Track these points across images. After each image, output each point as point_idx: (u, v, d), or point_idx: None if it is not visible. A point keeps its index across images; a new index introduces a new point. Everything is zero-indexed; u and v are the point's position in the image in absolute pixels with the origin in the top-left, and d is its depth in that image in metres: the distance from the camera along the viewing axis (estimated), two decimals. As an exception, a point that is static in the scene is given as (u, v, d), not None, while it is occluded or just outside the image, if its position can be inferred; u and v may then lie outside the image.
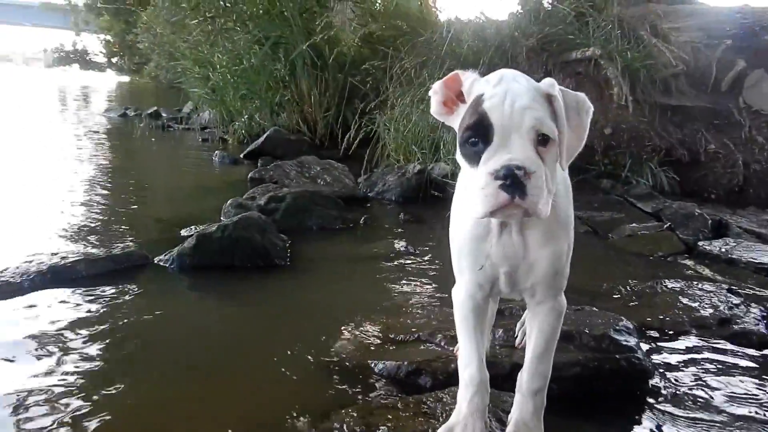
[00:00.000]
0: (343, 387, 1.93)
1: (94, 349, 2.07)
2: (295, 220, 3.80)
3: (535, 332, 1.54)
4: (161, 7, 13.10)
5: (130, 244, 3.13)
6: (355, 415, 1.67)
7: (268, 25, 7.80)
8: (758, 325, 2.47)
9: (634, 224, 4.08)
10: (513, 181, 1.17)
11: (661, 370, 2.12)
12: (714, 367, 2.21)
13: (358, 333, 2.30)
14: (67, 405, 1.72)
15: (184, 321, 2.45)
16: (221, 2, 8.22)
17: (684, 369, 2.18)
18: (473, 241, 1.44)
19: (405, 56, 5.57)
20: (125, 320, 2.32)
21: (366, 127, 5.75)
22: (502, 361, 1.98)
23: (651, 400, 1.95)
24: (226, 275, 2.90)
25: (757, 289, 3.02)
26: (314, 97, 7.61)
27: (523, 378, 1.56)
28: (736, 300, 2.67)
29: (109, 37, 34.65)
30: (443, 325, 2.27)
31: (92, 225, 3.70)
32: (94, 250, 2.98)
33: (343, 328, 2.35)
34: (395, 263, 3.24)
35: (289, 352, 2.17)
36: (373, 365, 2.03)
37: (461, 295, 1.53)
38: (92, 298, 2.52)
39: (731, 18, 6.79)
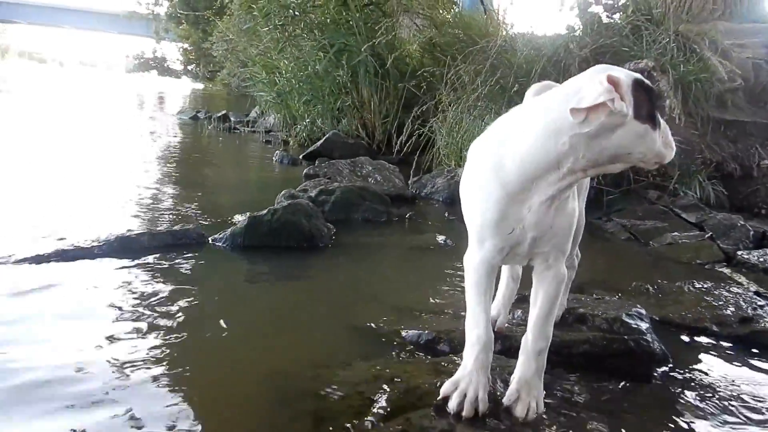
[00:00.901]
0: (368, 347, 2.12)
1: (149, 308, 2.33)
2: (343, 212, 4.03)
3: (540, 296, 1.69)
4: (236, 16, 13.80)
5: (190, 225, 3.42)
6: (374, 365, 1.87)
7: (334, 33, 8.14)
8: (779, 325, 2.51)
9: (675, 233, 4.10)
10: None
11: (672, 357, 2.21)
12: (726, 360, 2.29)
13: (389, 306, 2.49)
14: (132, 350, 1.99)
15: (230, 288, 2.71)
16: (291, 11, 8.60)
17: (695, 358, 2.26)
18: (510, 205, 1.54)
19: (460, 64, 5.74)
20: (177, 285, 2.58)
21: (419, 131, 5.95)
22: (518, 335, 2.13)
23: (658, 382, 2.05)
24: (273, 254, 3.15)
25: (790, 296, 3.04)
26: (374, 103, 7.86)
27: (528, 339, 1.71)
28: (761, 302, 2.71)
29: (186, 45, 36.39)
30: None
31: (158, 207, 4.08)
32: (157, 228, 3.30)
33: (375, 301, 2.55)
34: (432, 252, 3.42)
35: (323, 318, 2.40)
36: (399, 332, 2.22)
37: (476, 259, 1.66)
38: (151, 265, 2.81)
39: (799, 36, 6.65)
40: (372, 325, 2.32)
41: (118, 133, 8.60)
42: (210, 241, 3.20)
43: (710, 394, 1.99)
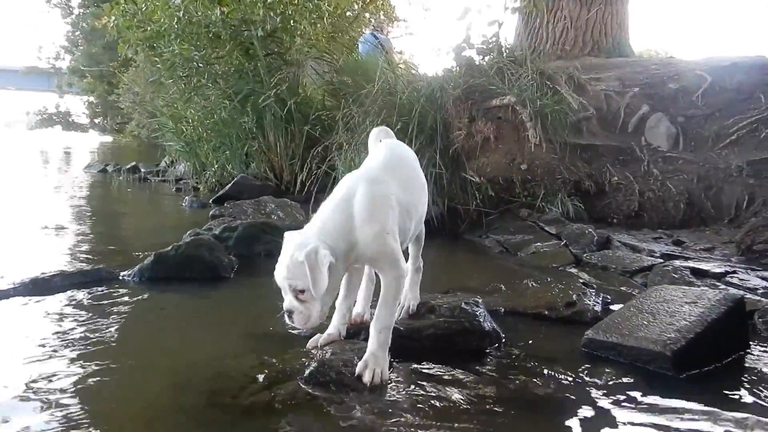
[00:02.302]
0: (260, 346, 2.55)
1: (63, 339, 2.64)
2: (245, 247, 4.42)
3: (382, 289, 2.25)
4: (141, 68, 13.99)
5: (102, 265, 3.73)
6: (260, 356, 2.31)
7: (238, 81, 8.58)
8: (596, 306, 3.13)
9: (539, 243, 4.76)
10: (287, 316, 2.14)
11: (508, 336, 2.75)
12: (549, 335, 2.88)
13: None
14: (36, 378, 2.33)
15: (139, 315, 3.06)
16: (195, 63, 8.98)
17: (527, 336, 2.83)
18: None
19: (352, 106, 6.33)
20: (88, 319, 2.89)
21: (318, 170, 6.45)
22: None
23: (490, 353, 2.60)
24: (179, 285, 3.52)
25: (616, 285, 3.71)
26: (280, 146, 8.30)
27: (373, 321, 2.23)
28: (585, 290, 3.33)
29: (92, 98, 35.69)
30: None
31: (72, 252, 4.35)
32: (70, 268, 3.60)
33: (269, 313, 2.98)
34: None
35: (222, 329, 2.82)
36: (286, 333, 2.67)
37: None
38: (64, 302, 3.11)
39: (646, 69, 7.71)
40: (268, 330, 2.75)
41: (24, 190, 8.62)
42: (120, 278, 3.53)
43: (529, 361, 2.55)
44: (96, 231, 5.44)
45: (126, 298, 3.24)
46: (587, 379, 2.37)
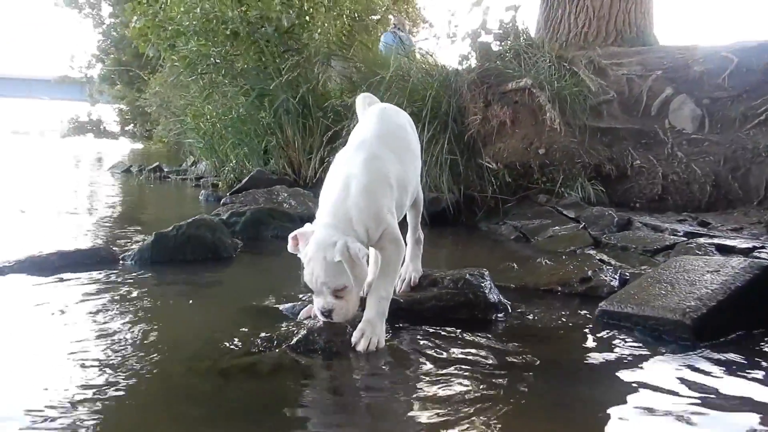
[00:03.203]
0: (256, 319, 2.44)
1: (52, 315, 2.56)
2: (253, 230, 4.36)
3: (381, 261, 2.20)
4: (166, 72, 14.12)
5: (101, 245, 3.67)
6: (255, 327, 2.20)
7: (255, 78, 8.56)
8: (612, 281, 2.96)
9: (557, 227, 4.58)
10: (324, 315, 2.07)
11: (514, 309, 2.60)
12: (559, 309, 2.71)
13: (280, 294, 2.82)
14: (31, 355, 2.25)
15: (140, 294, 2.96)
16: (212, 59, 8.99)
17: (535, 311, 2.66)
18: None
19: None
20: (85, 298, 2.80)
21: (331, 157, 6.35)
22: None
23: (495, 324, 2.45)
24: (180, 265, 3.44)
25: (636, 265, 3.51)
26: (298, 142, 8.25)
27: (372, 288, 2.11)
28: (603, 267, 3.15)
29: (122, 106, 36.28)
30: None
31: (75, 236, 4.32)
32: (68, 250, 3.53)
33: (269, 291, 2.87)
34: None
35: (220, 306, 2.73)
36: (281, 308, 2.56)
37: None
38: (58, 281, 3.04)
39: (670, 55, 7.45)
40: (262, 305, 2.65)
41: (47, 187, 8.71)
42: (120, 258, 3.45)
43: (538, 331, 2.39)
44: (108, 221, 5.41)
45: (122, 277, 3.16)
46: (599, 348, 2.20)
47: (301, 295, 2.75)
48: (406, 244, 2.37)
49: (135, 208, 6.77)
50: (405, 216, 2.57)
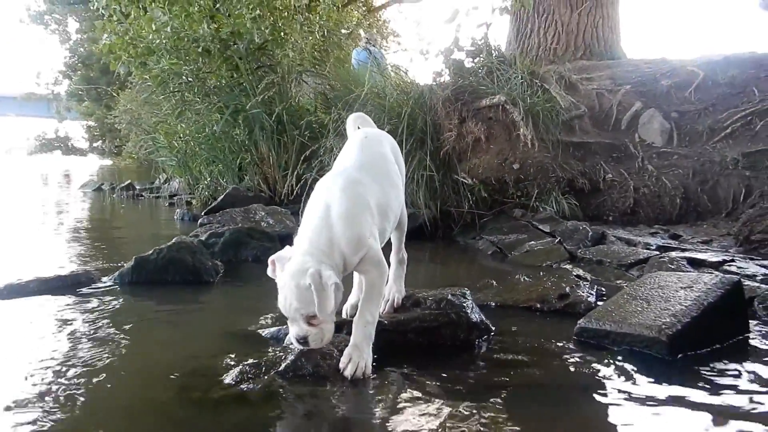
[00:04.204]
0: (238, 344, 2.44)
1: (35, 342, 2.54)
2: (232, 252, 4.34)
3: (365, 285, 2.22)
4: (136, 89, 13.99)
5: (81, 270, 3.62)
6: (239, 352, 2.20)
7: (229, 95, 8.53)
8: (590, 297, 3.02)
9: (533, 242, 4.66)
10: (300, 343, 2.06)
11: (498, 329, 2.64)
12: (540, 326, 2.77)
13: (262, 317, 2.82)
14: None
15: (115, 322, 2.93)
16: (185, 77, 8.95)
17: (517, 328, 2.71)
18: None
19: (341, 111, 6.26)
20: (65, 324, 2.78)
21: (306, 175, 6.37)
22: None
23: (479, 345, 2.49)
24: (160, 289, 3.41)
25: (611, 279, 3.60)
26: (272, 158, 8.23)
27: (357, 314, 2.13)
28: (580, 282, 3.22)
29: (90, 122, 35.80)
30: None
31: (56, 261, 4.25)
32: (48, 276, 3.49)
33: (251, 314, 2.87)
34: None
35: (201, 330, 2.71)
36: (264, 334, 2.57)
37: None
38: (39, 307, 3.00)
39: (638, 69, 7.65)
40: (247, 330, 2.65)
41: (17, 207, 8.55)
42: (100, 282, 3.42)
43: (520, 351, 2.44)
44: (83, 241, 5.34)
45: (104, 302, 3.13)
46: (580, 366, 2.26)
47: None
48: (389, 265, 2.40)
49: (110, 229, 6.69)
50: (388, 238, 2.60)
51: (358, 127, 2.90)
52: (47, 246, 5.01)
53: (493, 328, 2.61)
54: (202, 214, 7.07)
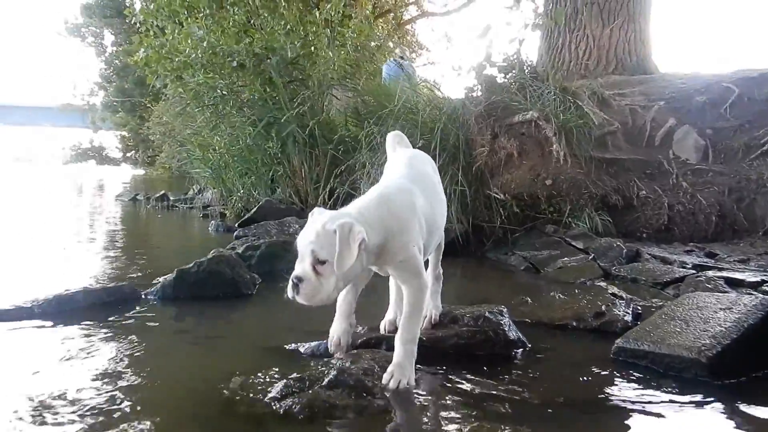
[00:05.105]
0: (279, 359, 2.51)
1: (82, 354, 2.64)
2: (269, 265, 4.41)
3: (405, 301, 2.25)
4: (170, 100, 14.30)
5: (125, 283, 3.74)
6: (280, 368, 2.27)
7: (262, 108, 8.70)
8: (626, 316, 3.02)
9: (566, 258, 4.66)
10: (293, 284, 2.04)
11: (533, 346, 2.67)
12: (575, 344, 2.78)
13: (302, 332, 2.89)
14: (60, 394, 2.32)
15: (160, 334, 3.03)
16: (219, 91, 9.14)
17: (553, 346, 2.74)
18: None
19: (373, 126, 6.34)
20: (109, 335, 2.88)
21: (340, 189, 6.46)
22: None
23: (516, 362, 2.51)
24: (201, 302, 3.51)
25: (647, 298, 3.58)
26: (305, 170, 8.35)
27: (398, 332, 2.18)
28: (616, 301, 3.22)
29: (124, 133, 36.63)
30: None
31: (97, 272, 4.40)
32: (94, 288, 3.62)
33: (290, 330, 2.94)
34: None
35: (242, 344, 2.78)
36: (300, 348, 2.64)
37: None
38: (86, 319, 3.09)
39: (672, 84, 7.60)
40: (288, 344, 2.71)
41: (58, 217, 8.80)
42: (142, 296, 3.53)
43: (557, 369, 2.46)
44: (123, 253, 5.49)
45: (147, 314, 3.23)
46: (618, 386, 2.27)
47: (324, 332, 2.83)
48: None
49: (148, 240, 6.87)
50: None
51: (397, 144, 2.95)
52: (90, 256, 5.16)
53: (530, 346, 2.64)
54: (236, 225, 7.22)
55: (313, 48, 9.04)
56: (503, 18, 7.04)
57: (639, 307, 3.23)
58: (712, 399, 2.13)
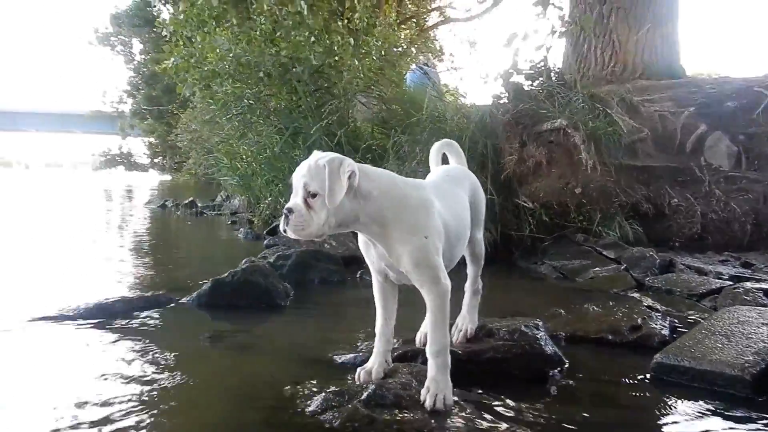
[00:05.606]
0: (316, 370, 2.53)
1: (123, 361, 2.71)
2: (300, 274, 4.46)
3: (427, 311, 2.19)
4: (198, 108, 14.51)
5: (161, 291, 3.81)
6: (318, 379, 2.29)
7: (288, 117, 8.78)
8: (663, 330, 2.99)
9: (597, 268, 4.62)
10: (284, 216, 2.03)
11: (571, 361, 2.65)
12: (613, 359, 2.76)
13: (337, 343, 2.91)
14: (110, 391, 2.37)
15: (198, 343, 3.08)
16: (246, 100, 9.26)
17: (590, 361, 2.72)
18: (363, 248, 2.32)
19: (401, 135, 6.37)
20: (148, 343, 2.94)
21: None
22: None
23: (552, 377, 2.50)
24: (235, 311, 3.56)
25: (683, 310, 3.54)
26: (332, 179, 8.38)
27: (427, 345, 2.17)
28: (651, 313, 3.19)
29: (152, 139, 37.27)
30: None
31: (134, 279, 4.50)
32: (131, 294, 3.70)
33: (324, 341, 2.97)
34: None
35: (279, 354, 2.81)
36: (337, 359, 2.66)
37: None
38: (125, 327, 3.18)
39: (701, 89, 7.50)
40: (323, 357, 2.74)
41: (90, 224, 8.99)
42: (178, 303, 3.60)
43: (595, 386, 2.45)
44: (157, 260, 5.60)
45: (184, 324, 3.30)
46: (657, 404, 2.25)
47: (359, 343, 2.86)
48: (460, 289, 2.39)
49: (181, 247, 6.98)
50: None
51: (444, 155, 2.93)
52: (125, 263, 5.26)
53: (566, 361, 2.62)
54: (264, 233, 7.30)
55: (337, 57, 9.12)
56: (529, 25, 7.01)
57: (675, 320, 3.19)
58: (755, 416, 2.10)
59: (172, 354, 2.78)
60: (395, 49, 14.50)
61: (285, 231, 2.05)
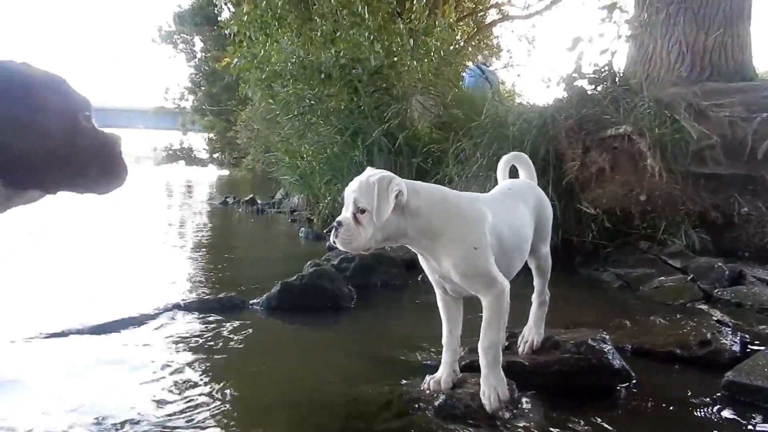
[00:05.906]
0: (387, 370, 2.63)
1: (200, 359, 2.88)
2: (362, 277, 4.57)
3: (483, 314, 2.25)
4: (257, 106, 14.87)
5: (233, 293, 3.99)
6: (388, 381, 2.39)
7: (348, 117, 8.93)
8: (733, 345, 2.95)
9: (662, 278, 4.55)
10: (334, 229, 2.13)
11: (638, 375, 2.65)
12: (683, 375, 2.75)
13: (404, 344, 3.00)
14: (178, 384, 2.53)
15: (270, 340, 3.24)
16: (308, 101, 9.45)
17: (659, 376, 2.72)
18: (420, 259, 2.38)
19: (462, 139, 6.40)
20: (224, 342, 3.13)
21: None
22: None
23: (619, 392, 2.52)
24: (303, 313, 3.70)
25: (754, 325, 3.46)
26: (389, 179, 8.48)
27: (479, 342, 2.24)
28: (720, 328, 3.15)
29: (212, 135, 38.33)
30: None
31: (205, 280, 4.72)
32: (206, 296, 3.90)
33: (393, 341, 3.06)
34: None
35: (348, 354, 2.94)
36: (408, 360, 2.75)
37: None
38: (202, 326, 3.38)
39: (775, 92, 7.22)
40: (392, 358, 2.84)
41: (158, 222, 9.40)
42: (249, 306, 3.76)
43: (664, 403, 2.45)
44: (224, 259, 5.84)
45: (256, 326, 3.45)
46: (728, 425, 2.24)
47: (424, 344, 2.95)
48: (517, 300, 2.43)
49: (247, 247, 7.24)
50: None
51: (512, 167, 2.95)
52: (197, 264, 5.53)
53: (634, 375, 2.63)
54: (324, 232, 7.47)
55: (396, 58, 9.20)
56: (594, 29, 6.91)
57: (746, 336, 3.14)
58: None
59: (245, 355, 2.93)
60: (451, 47, 14.48)
61: (334, 242, 2.17)
